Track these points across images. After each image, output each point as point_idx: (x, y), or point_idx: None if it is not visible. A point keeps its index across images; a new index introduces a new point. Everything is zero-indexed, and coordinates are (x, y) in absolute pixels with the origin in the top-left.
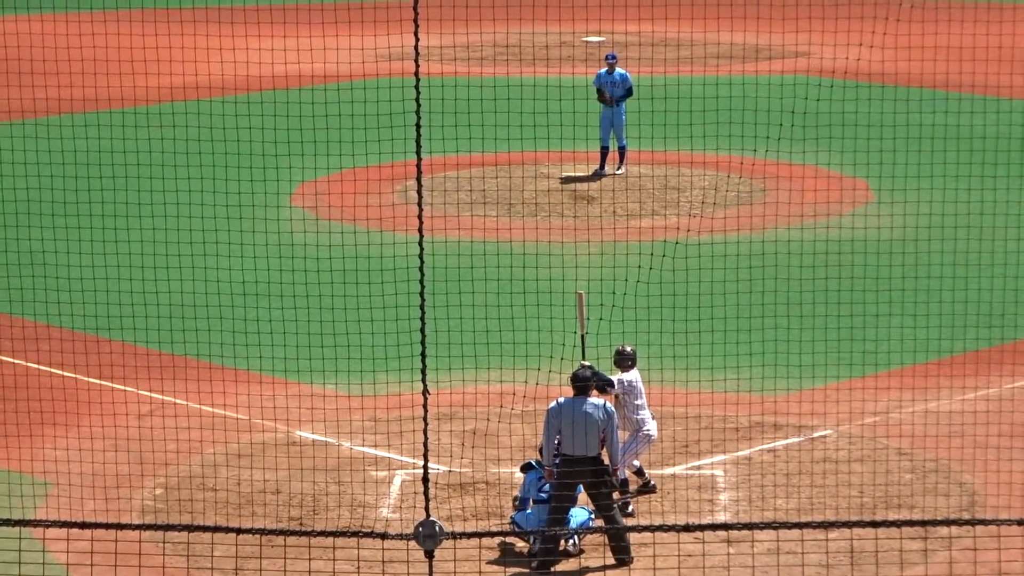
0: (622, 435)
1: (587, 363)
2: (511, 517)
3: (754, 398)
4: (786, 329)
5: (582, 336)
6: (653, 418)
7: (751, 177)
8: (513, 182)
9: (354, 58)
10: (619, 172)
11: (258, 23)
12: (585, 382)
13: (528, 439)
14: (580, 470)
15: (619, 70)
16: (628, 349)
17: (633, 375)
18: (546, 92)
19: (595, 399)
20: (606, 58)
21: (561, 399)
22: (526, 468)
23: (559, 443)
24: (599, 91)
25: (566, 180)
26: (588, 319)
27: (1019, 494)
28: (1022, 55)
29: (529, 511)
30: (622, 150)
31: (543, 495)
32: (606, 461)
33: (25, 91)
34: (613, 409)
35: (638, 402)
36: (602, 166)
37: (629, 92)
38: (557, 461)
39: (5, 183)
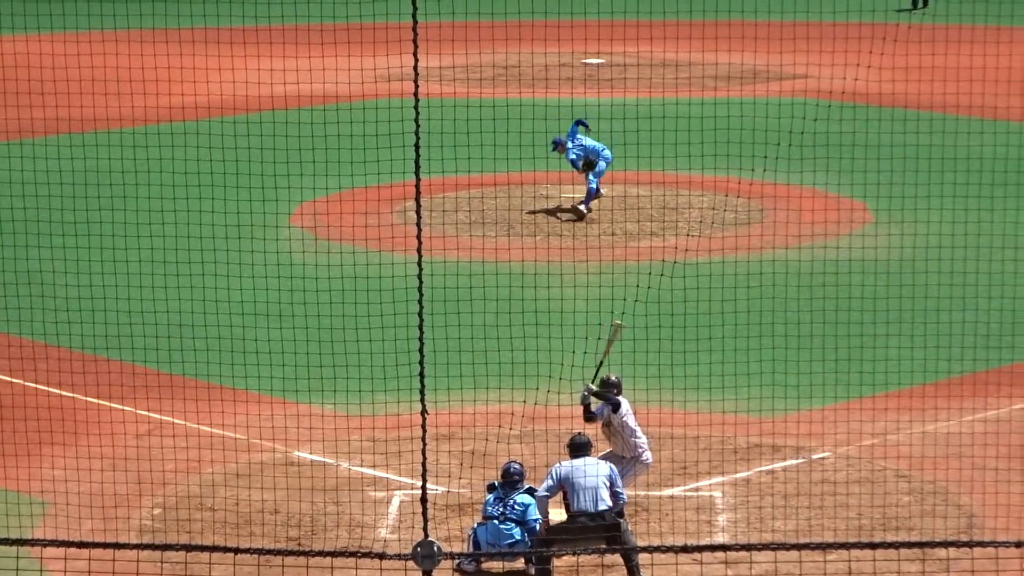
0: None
1: (592, 387)
2: (472, 528)
3: (752, 419)
4: (784, 350)
5: (600, 362)
6: (648, 445)
7: (749, 198)
8: (512, 202)
9: (354, 79)
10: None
11: (257, 43)
12: (583, 447)
13: (527, 459)
14: (594, 527)
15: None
16: (614, 378)
17: (624, 403)
18: (545, 112)
19: (595, 458)
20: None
21: (564, 463)
22: (492, 488)
23: (567, 504)
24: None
25: (565, 201)
26: (610, 352)
27: (1017, 516)
28: (1020, 76)
29: (484, 525)
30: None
31: (494, 513)
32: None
33: (23, 111)
34: (614, 466)
35: (635, 427)
36: (598, 193)
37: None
38: (565, 517)
39: (3, 203)
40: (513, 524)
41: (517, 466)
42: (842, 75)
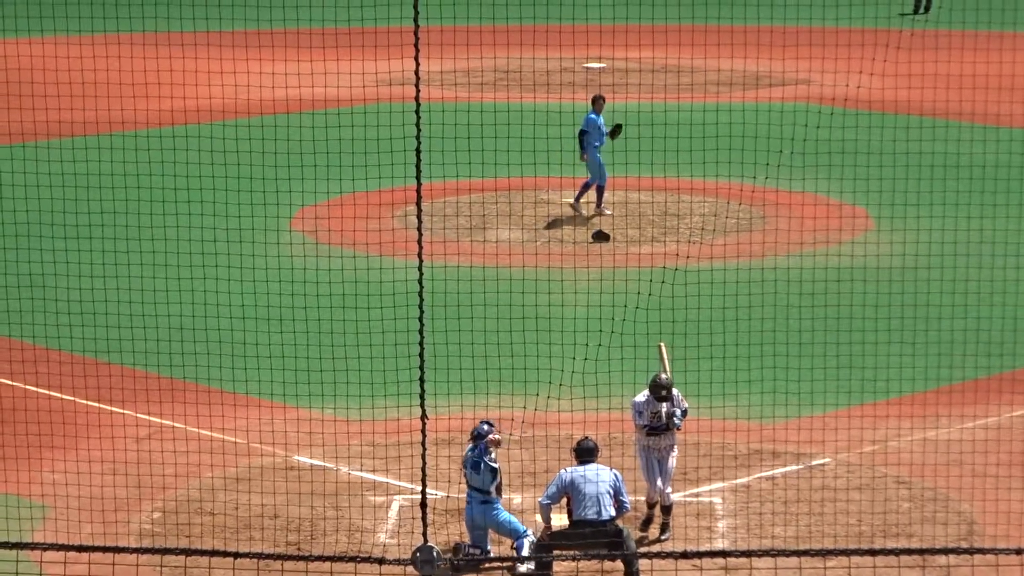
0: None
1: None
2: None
3: (753, 426)
4: (785, 356)
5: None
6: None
7: (751, 204)
8: (513, 207)
9: (355, 83)
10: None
11: (259, 47)
12: (590, 452)
13: (526, 465)
14: (596, 535)
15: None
16: (664, 378)
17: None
18: (546, 118)
19: (601, 465)
20: (597, 99)
21: (570, 469)
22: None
23: (570, 511)
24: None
25: (566, 206)
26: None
27: (1017, 523)
28: (1022, 83)
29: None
30: (598, 188)
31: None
32: (620, 524)
33: (26, 114)
34: (619, 473)
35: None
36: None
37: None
38: (565, 523)
39: (5, 206)
40: (475, 492)
41: (484, 427)
42: (844, 82)
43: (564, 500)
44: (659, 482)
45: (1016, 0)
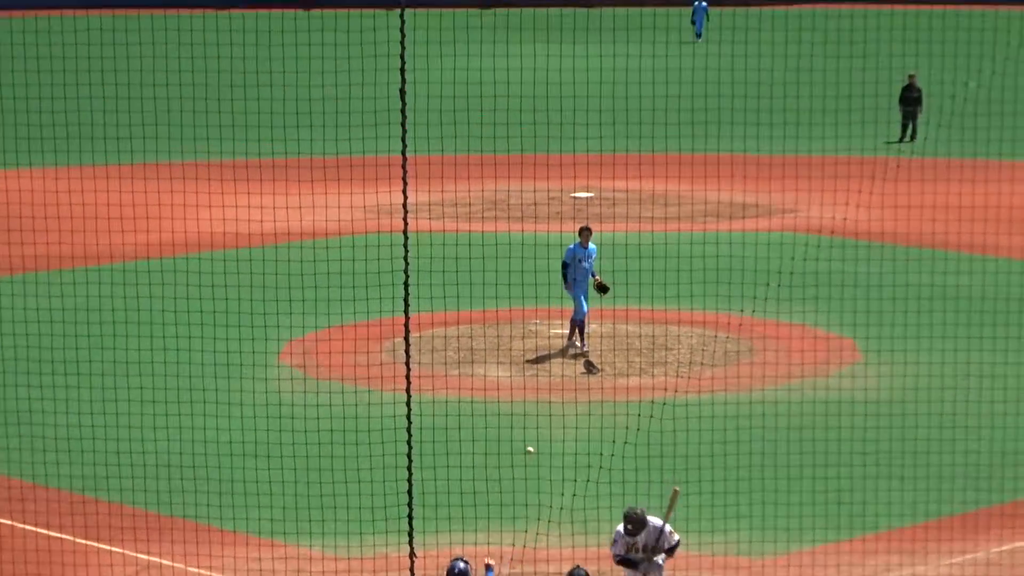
0: None
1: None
2: None
3: (742, 561)
4: (774, 492)
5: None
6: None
7: (739, 336)
8: (501, 340)
9: (343, 215)
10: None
11: (247, 180)
12: None
13: None
14: None
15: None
16: (639, 511)
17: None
18: (534, 250)
19: None
20: (583, 231)
21: None
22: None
23: None
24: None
25: (554, 338)
26: (674, 516)
27: None
28: (1009, 214)
29: None
30: (579, 324)
31: None
32: None
33: (15, 248)
34: None
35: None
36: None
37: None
38: None
39: None
40: None
41: (463, 565)
42: (831, 213)
43: None
44: None
45: (1002, 130)
